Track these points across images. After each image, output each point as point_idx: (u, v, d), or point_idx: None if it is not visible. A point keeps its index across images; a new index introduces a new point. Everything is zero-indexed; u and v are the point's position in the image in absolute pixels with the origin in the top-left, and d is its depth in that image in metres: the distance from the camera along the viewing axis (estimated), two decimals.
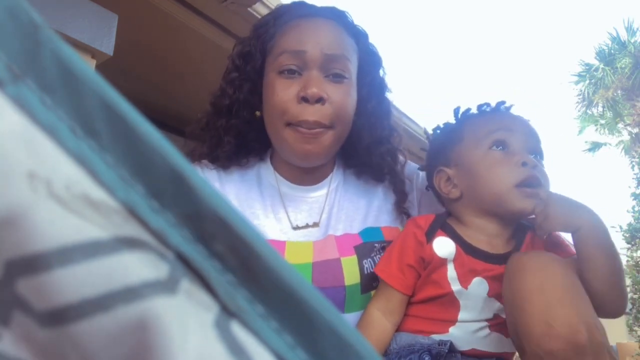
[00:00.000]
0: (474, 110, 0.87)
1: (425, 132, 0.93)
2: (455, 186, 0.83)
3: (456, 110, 0.89)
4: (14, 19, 0.19)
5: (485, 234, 0.80)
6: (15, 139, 0.18)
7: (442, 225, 0.82)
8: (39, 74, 0.19)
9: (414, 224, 0.83)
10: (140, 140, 0.19)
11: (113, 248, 0.18)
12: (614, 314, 0.68)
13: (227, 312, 0.19)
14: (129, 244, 0.19)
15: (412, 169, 0.97)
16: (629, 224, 11.08)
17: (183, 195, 0.20)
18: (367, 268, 0.81)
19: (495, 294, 0.76)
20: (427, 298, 0.79)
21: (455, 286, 0.77)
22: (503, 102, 0.86)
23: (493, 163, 0.78)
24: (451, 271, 0.78)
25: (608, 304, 0.67)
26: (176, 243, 0.19)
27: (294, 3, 0.90)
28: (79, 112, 0.19)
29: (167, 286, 0.19)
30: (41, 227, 0.18)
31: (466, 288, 0.77)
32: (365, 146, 0.88)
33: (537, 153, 0.81)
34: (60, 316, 0.18)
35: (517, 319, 0.64)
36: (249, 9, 1.93)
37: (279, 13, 0.87)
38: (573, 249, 0.75)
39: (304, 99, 0.78)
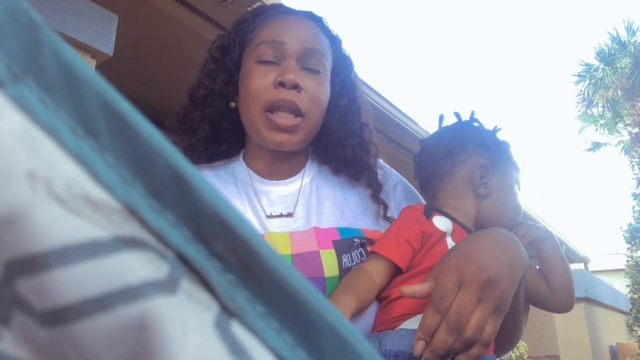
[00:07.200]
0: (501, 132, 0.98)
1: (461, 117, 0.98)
2: (487, 187, 0.90)
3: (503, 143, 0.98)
4: (14, 19, 0.19)
5: (471, 220, 0.92)
6: (15, 139, 0.18)
7: (436, 208, 0.90)
8: (39, 74, 0.19)
9: (409, 208, 0.89)
10: (140, 140, 0.19)
11: (113, 248, 0.18)
12: (567, 309, 0.85)
13: (227, 311, 0.19)
14: (129, 243, 0.19)
15: (382, 164, 1.02)
16: (629, 224, 11.08)
17: (183, 195, 0.20)
18: (345, 263, 0.82)
19: None
20: (426, 269, 0.81)
21: None
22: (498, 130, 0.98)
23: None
24: (450, 242, 0.83)
25: (564, 300, 0.85)
26: (176, 243, 0.19)
27: (273, 4, 0.97)
28: (79, 111, 0.19)
29: (167, 286, 0.19)
30: (41, 227, 0.18)
31: None
32: (337, 139, 0.92)
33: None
34: (60, 316, 0.18)
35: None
36: (248, 9, 1.93)
37: (259, 11, 0.94)
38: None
39: (281, 84, 0.82)
